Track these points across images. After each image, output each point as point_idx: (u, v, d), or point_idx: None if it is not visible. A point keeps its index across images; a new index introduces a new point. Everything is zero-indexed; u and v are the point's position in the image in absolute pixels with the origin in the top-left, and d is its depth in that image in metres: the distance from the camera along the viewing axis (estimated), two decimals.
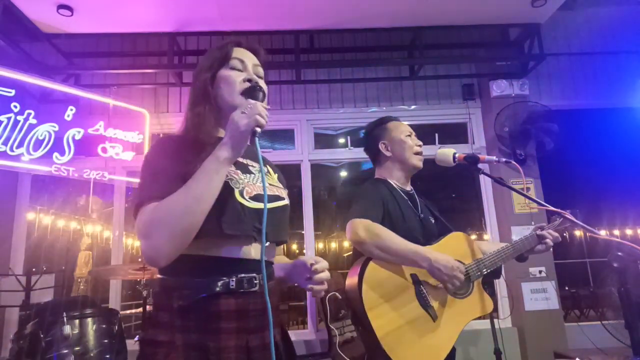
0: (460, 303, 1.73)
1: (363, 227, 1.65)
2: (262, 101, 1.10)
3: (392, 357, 1.50)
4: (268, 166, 1.26)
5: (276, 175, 1.28)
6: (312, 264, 1.10)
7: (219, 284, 0.99)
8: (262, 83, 1.18)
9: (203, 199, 0.95)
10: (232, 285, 1.00)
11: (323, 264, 1.11)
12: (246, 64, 1.18)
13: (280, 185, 1.23)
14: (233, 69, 1.16)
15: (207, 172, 0.96)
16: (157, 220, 0.93)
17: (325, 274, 1.12)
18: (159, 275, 1.05)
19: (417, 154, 1.93)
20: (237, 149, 0.99)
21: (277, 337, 1.10)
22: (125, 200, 3.91)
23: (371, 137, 2.01)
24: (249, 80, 1.14)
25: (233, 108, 1.07)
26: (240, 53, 1.19)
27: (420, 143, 1.96)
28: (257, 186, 1.10)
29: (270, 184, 1.17)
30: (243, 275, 1.02)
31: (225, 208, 1.00)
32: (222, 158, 0.97)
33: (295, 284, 1.19)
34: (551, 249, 3.78)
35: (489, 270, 1.80)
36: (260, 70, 1.22)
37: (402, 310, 1.60)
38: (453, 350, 1.69)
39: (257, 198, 1.07)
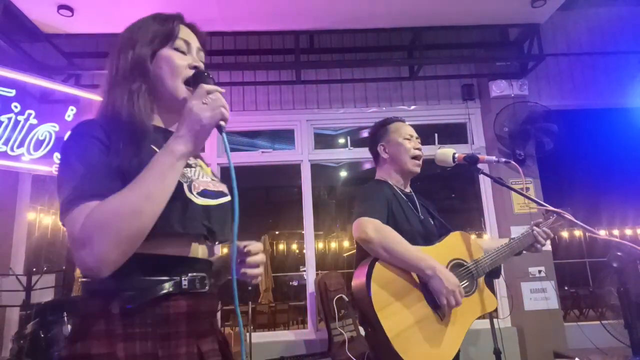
0: (466, 301, 1.74)
1: (373, 227, 1.65)
2: None
3: (404, 358, 1.51)
4: (199, 159, 1.13)
5: (209, 169, 1.14)
6: (244, 246, 1.03)
7: (170, 283, 0.89)
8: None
9: (155, 197, 0.83)
10: (185, 285, 0.90)
11: (257, 245, 1.05)
12: (191, 47, 1.06)
13: (218, 180, 1.10)
14: (177, 50, 1.03)
15: (160, 168, 0.85)
16: (100, 223, 0.79)
17: (260, 257, 1.05)
18: (84, 279, 0.91)
19: (414, 157, 1.91)
20: (197, 144, 0.89)
21: (218, 345, 1.00)
22: None
23: (373, 137, 2.02)
24: (195, 68, 1.03)
25: (172, 95, 1.01)
26: (185, 33, 1.06)
27: (420, 147, 1.94)
28: (202, 181, 1.01)
29: (212, 179, 1.06)
30: (194, 274, 0.93)
31: (175, 204, 0.89)
32: (178, 153, 0.87)
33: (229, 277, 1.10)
34: (550, 249, 3.76)
35: (491, 268, 1.81)
36: (203, 56, 1.10)
37: (411, 310, 1.61)
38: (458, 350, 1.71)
39: (204, 194, 0.98)
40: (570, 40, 4.26)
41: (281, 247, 11.44)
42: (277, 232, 11.54)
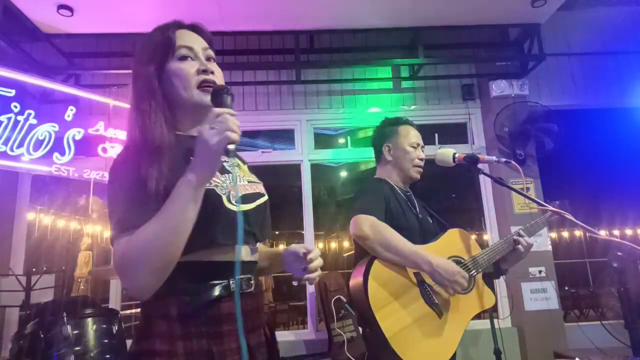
0: (463, 298, 1.75)
1: (369, 224, 1.67)
2: (231, 105, 0.97)
3: (403, 357, 1.51)
4: (237, 158, 1.16)
5: (246, 165, 1.20)
6: (305, 253, 1.08)
7: (219, 287, 0.97)
8: (214, 67, 1.07)
9: (180, 230, 0.87)
10: (233, 288, 0.97)
11: (316, 252, 1.09)
12: (195, 50, 1.06)
13: (254, 178, 1.15)
14: (182, 59, 1.04)
15: (182, 200, 0.87)
16: (133, 257, 0.86)
17: (319, 261, 1.10)
18: None
19: (416, 166, 1.96)
20: (211, 170, 0.91)
21: (266, 336, 1.10)
22: None
23: (379, 135, 2.04)
24: (204, 71, 1.04)
25: (190, 104, 1.03)
26: (185, 38, 1.06)
27: (423, 157, 1.98)
28: (240, 185, 1.06)
29: (249, 181, 1.11)
30: (241, 276, 1.00)
31: (218, 217, 0.96)
32: (194, 183, 0.88)
33: (286, 273, 1.16)
34: (551, 249, 3.74)
35: (488, 264, 1.82)
36: (211, 53, 1.10)
37: (409, 309, 1.62)
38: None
39: (243, 199, 1.03)
40: (570, 40, 4.26)
41: (281, 247, 11.41)
42: (277, 232, 11.54)
